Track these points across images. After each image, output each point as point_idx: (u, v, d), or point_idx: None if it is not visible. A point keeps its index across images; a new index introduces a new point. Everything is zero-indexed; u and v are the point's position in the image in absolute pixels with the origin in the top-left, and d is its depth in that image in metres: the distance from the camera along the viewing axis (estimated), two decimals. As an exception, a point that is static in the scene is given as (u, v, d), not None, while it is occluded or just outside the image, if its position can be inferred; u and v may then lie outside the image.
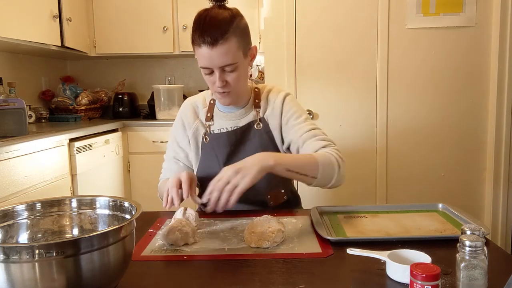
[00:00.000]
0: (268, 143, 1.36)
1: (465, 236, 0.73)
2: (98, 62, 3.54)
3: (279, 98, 1.39)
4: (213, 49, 1.19)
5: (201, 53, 1.21)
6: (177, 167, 1.42)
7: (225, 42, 1.19)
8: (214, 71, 1.24)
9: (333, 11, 2.70)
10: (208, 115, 1.39)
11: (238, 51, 1.23)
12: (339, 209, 1.27)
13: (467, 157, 2.75)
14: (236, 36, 1.22)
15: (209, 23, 1.19)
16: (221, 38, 1.18)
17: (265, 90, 1.42)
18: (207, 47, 1.19)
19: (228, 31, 1.19)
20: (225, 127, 1.37)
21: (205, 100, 1.43)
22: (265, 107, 1.39)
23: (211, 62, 1.21)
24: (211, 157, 1.36)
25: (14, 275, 0.68)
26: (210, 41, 1.18)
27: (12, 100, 2.08)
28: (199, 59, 1.24)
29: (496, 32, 2.62)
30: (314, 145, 1.28)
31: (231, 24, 1.21)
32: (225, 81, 1.24)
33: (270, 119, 1.37)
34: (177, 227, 1.01)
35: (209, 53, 1.20)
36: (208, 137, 1.37)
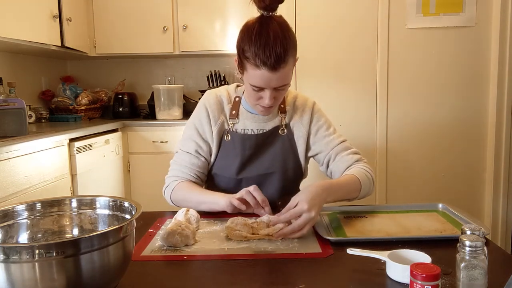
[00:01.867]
0: (288, 150, 1.35)
1: (465, 236, 0.73)
2: (98, 62, 3.54)
3: (308, 106, 1.38)
4: (274, 73, 1.14)
5: (258, 75, 1.15)
6: (198, 162, 1.33)
7: (286, 65, 1.15)
8: (264, 89, 1.19)
9: (333, 11, 2.70)
10: (233, 112, 1.35)
11: (292, 69, 1.20)
12: (339, 209, 1.27)
13: (467, 158, 2.75)
14: (293, 55, 1.17)
15: (272, 43, 1.11)
16: (283, 62, 1.13)
17: (290, 96, 1.40)
18: (267, 70, 1.13)
19: (289, 52, 1.14)
20: (250, 128, 1.34)
21: (229, 96, 1.38)
22: (291, 114, 1.37)
23: (267, 84, 1.17)
24: (230, 155, 1.33)
25: (14, 275, 0.68)
26: (273, 64, 1.12)
27: (12, 100, 2.08)
28: (252, 77, 1.17)
29: (496, 32, 2.62)
30: (347, 159, 1.32)
31: (290, 42, 1.15)
32: (274, 98, 1.22)
33: (296, 126, 1.36)
34: (177, 231, 1.01)
35: (269, 76, 1.14)
36: (231, 135, 1.34)
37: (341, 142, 1.36)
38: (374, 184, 1.31)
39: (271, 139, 1.35)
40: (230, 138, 1.34)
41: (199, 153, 1.35)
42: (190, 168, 1.34)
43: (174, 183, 1.33)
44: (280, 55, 1.12)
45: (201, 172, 1.35)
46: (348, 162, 1.32)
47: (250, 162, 1.33)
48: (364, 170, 1.28)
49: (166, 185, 1.36)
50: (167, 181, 1.36)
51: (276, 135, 1.35)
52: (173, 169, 1.37)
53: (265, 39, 1.12)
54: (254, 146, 1.33)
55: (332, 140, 1.35)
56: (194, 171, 1.34)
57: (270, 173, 1.33)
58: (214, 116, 1.35)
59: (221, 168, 1.35)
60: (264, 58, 1.12)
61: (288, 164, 1.35)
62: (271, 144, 1.35)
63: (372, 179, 1.29)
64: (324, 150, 1.36)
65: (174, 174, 1.35)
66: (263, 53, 1.12)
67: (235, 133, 1.34)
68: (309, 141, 1.38)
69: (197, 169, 1.34)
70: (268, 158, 1.33)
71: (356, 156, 1.34)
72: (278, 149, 1.35)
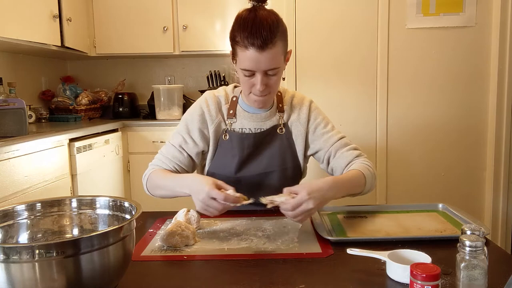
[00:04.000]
0: (287, 149, 1.36)
1: (465, 236, 0.73)
2: (98, 62, 3.54)
3: (305, 105, 1.39)
4: (261, 53, 1.16)
5: (247, 56, 1.18)
6: (180, 156, 1.34)
7: (273, 47, 1.17)
8: (255, 74, 1.22)
9: (333, 11, 2.70)
10: (231, 112, 1.36)
11: (281, 55, 1.22)
12: (339, 209, 1.27)
13: (467, 157, 2.75)
14: (282, 40, 1.20)
15: (259, 25, 1.16)
16: (270, 42, 1.16)
17: (287, 95, 1.42)
18: (255, 50, 1.16)
19: (276, 34, 1.17)
20: (248, 127, 1.35)
21: (227, 96, 1.40)
22: (289, 113, 1.39)
23: (257, 65, 1.19)
24: (228, 155, 1.34)
25: (14, 275, 0.68)
26: (260, 44, 1.15)
27: (12, 100, 2.08)
28: (242, 61, 1.20)
29: (496, 32, 2.62)
30: (347, 155, 1.33)
31: (278, 27, 1.19)
32: (265, 84, 1.23)
33: (295, 125, 1.38)
34: (177, 231, 1.01)
35: (257, 57, 1.17)
36: (229, 134, 1.35)
37: (340, 139, 1.36)
38: (376, 178, 1.32)
39: (269, 138, 1.36)
40: (228, 137, 1.35)
41: (182, 148, 1.35)
42: (170, 160, 1.35)
43: (151, 171, 1.34)
44: (267, 36, 1.15)
45: (181, 167, 1.35)
46: (349, 158, 1.32)
47: (249, 161, 1.34)
48: (367, 165, 1.29)
49: (146, 172, 1.37)
50: (148, 169, 1.38)
51: (274, 134, 1.36)
52: (156, 158, 1.39)
53: (253, 22, 1.17)
54: (253, 145, 1.34)
55: (331, 137, 1.36)
56: (174, 164, 1.34)
57: (269, 172, 1.34)
58: (211, 116, 1.36)
59: (219, 167, 1.35)
60: (252, 39, 1.16)
61: (287, 163, 1.36)
62: (269, 143, 1.35)
63: (375, 174, 1.30)
64: (323, 147, 1.36)
65: (155, 163, 1.37)
66: (250, 34, 1.16)
67: (232, 132, 1.35)
68: (307, 139, 1.38)
69: (178, 163, 1.34)
70: (266, 157, 1.34)
71: (356, 152, 1.34)
72: (276, 148, 1.35)
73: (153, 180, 1.31)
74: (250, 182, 1.33)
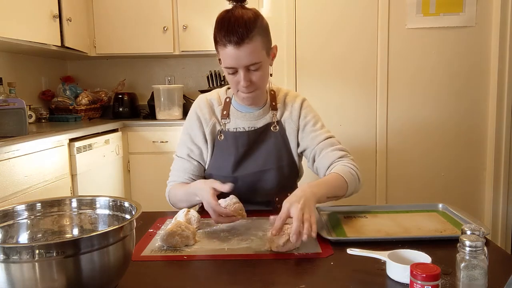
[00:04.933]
0: (282, 146, 1.37)
1: (465, 236, 0.73)
2: (98, 62, 3.54)
3: (297, 103, 1.40)
4: (239, 49, 1.19)
5: (227, 53, 1.21)
6: (190, 166, 1.38)
7: (251, 42, 1.20)
8: (238, 71, 1.24)
9: (333, 11, 2.70)
10: (224, 113, 1.38)
11: (262, 50, 1.24)
12: (339, 209, 1.27)
13: (467, 157, 2.75)
14: (260, 35, 1.22)
15: (234, 23, 1.19)
16: (247, 37, 1.19)
17: (281, 93, 1.43)
18: (233, 46, 1.19)
19: (253, 30, 1.20)
20: (242, 126, 1.37)
21: (220, 98, 1.42)
22: (282, 110, 1.40)
23: (237, 61, 1.21)
24: (224, 155, 1.36)
25: (14, 275, 0.68)
26: (236, 41, 1.18)
27: (12, 100, 2.08)
28: (224, 59, 1.23)
29: (496, 32, 2.62)
30: (331, 155, 1.31)
31: (255, 23, 1.21)
32: (249, 80, 1.25)
33: (287, 123, 1.39)
34: (177, 232, 1.01)
35: (235, 53, 1.20)
36: (224, 135, 1.36)
37: (327, 138, 1.35)
38: (360, 181, 1.29)
39: (263, 136, 1.37)
40: (223, 137, 1.37)
41: (190, 157, 1.39)
42: (183, 173, 1.39)
43: (169, 187, 1.40)
44: (243, 32, 1.18)
45: (195, 175, 1.39)
46: (332, 158, 1.31)
47: (245, 160, 1.34)
48: (349, 168, 1.26)
49: (167, 190, 1.42)
50: (167, 187, 1.42)
51: (268, 132, 1.37)
52: (171, 175, 1.43)
53: (228, 21, 1.21)
54: (247, 144, 1.35)
55: (318, 136, 1.36)
56: (188, 175, 1.39)
57: (266, 170, 1.34)
58: (206, 119, 1.38)
59: (216, 168, 1.37)
60: (228, 36, 1.19)
61: (282, 160, 1.36)
62: (264, 141, 1.36)
63: (358, 176, 1.28)
64: (310, 145, 1.36)
65: (172, 180, 1.42)
66: (227, 32, 1.19)
67: (227, 132, 1.37)
68: (298, 136, 1.39)
69: (191, 173, 1.39)
70: (262, 155, 1.35)
71: (341, 153, 1.32)
72: (271, 146, 1.36)
73: (173, 196, 1.37)
74: (247, 180, 1.34)
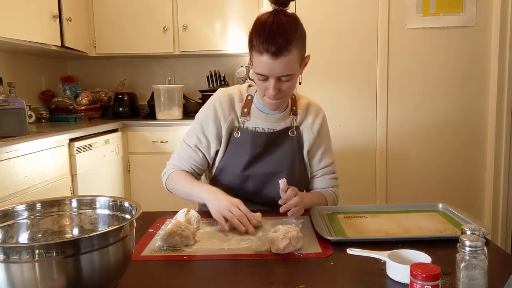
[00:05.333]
0: (296, 151, 1.38)
1: (465, 236, 0.73)
2: (98, 62, 3.54)
3: (320, 116, 1.43)
4: (275, 60, 1.17)
5: (261, 61, 1.19)
6: (195, 156, 1.38)
7: (288, 54, 1.17)
8: (269, 79, 1.22)
9: (333, 11, 2.70)
10: (245, 110, 1.37)
11: (297, 62, 1.22)
12: (339, 209, 1.27)
13: (467, 157, 2.75)
14: (298, 47, 1.20)
15: (275, 32, 1.16)
16: (285, 50, 1.16)
17: (303, 100, 1.44)
18: (269, 56, 1.17)
19: (292, 42, 1.17)
20: (261, 126, 1.36)
21: (241, 94, 1.41)
22: (302, 117, 1.40)
23: (270, 71, 1.20)
24: (239, 152, 1.35)
25: (14, 275, 0.68)
26: (274, 51, 1.16)
27: (12, 100, 2.08)
28: (257, 65, 1.21)
29: (496, 32, 2.62)
30: (327, 182, 1.44)
31: (295, 35, 1.18)
32: (278, 89, 1.24)
33: (306, 131, 1.40)
34: (177, 232, 1.01)
35: (270, 63, 1.18)
36: (241, 132, 1.36)
37: (331, 165, 1.45)
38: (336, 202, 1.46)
39: (280, 139, 1.37)
40: (240, 135, 1.36)
41: (198, 148, 1.39)
42: (187, 161, 1.39)
43: (170, 171, 1.40)
44: (282, 43, 1.15)
45: (197, 167, 1.40)
46: (326, 184, 1.44)
47: (259, 160, 1.35)
48: (334, 195, 1.44)
49: (165, 170, 1.43)
50: (167, 167, 1.44)
51: (286, 136, 1.37)
52: (173, 157, 1.44)
53: (269, 28, 1.17)
54: (264, 144, 1.35)
55: (325, 160, 1.43)
56: (191, 164, 1.39)
57: (277, 172, 1.34)
58: (224, 114, 1.37)
59: (228, 164, 1.37)
60: (267, 45, 1.16)
61: (295, 164, 1.37)
62: (280, 144, 1.37)
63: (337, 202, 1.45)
64: (315, 165, 1.43)
65: (173, 163, 1.43)
66: (266, 40, 1.16)
67: (245, 130, 1.36)
68: (311, 149, 1.41)
69: (194, 163, 1.39)
70: (276, 157, 1.36)
71: (334, 182, 1.46)
72: (286, 150, 1.37)
73: (173, 182, 1.39)
74: (258, 180, 1.35)
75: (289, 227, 0.99)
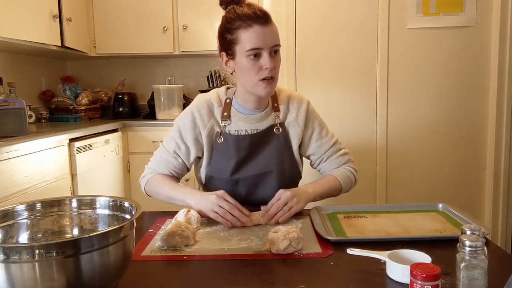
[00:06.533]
0: (284, 148, 1.36)
1: (465, 236, 0.73)
2: (98, 62, 3.54)
3: (303, 107, 1.40)
4: (266, 27, 1.21)
5: (253, 33, 1.21)
6: (174, 162, 1.37)
7: (273, 23, 1.23)
8: (262, 54, 1.22)
9: (333, 11, 2.70)
10: (225, 114, 1.35)
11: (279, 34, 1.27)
12: (339, 209, 1.27)
13: (467, 157, 2.75)
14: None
15: (254, 6, 1.22)
16: (270, 18, 1.22)
17: (283, 94, 1.41)
18: (259, 25, 1.20)
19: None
20: (244, 129, 1.34)
21: (220, 98, 1.38)
22: (285, 112, 1.38)
23: (263, 41, 1.21)
24: (224, 157, 1.33)
25: (14, 275, 0.68)
26: (264, 18, 1.20)
27: (12, 100, 2.08)
28: (248, 41, 1.21)
29: (496, 32, 2.62)
30: (336, 162, 1.42)
31: None
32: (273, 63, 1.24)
33: (292, 125, 1.38)
34: (177, 232, 1.01)
35: (262, 31, 1.21)
36: (223, 137, 1.34)
37: (333, 145, 1.43)
38: (356, 181, 1.43)
39: (266, 138, 1.35)
40: (223, 140, 1.34)
41: (177, 154, 1.38)
42: (166, 166, 1.39)
43: (150, 175, 1.39)
44: (265, 12, 1.22)
45: (176, 172, 1.39)
46: (336, 164, 1.42)
47: (246, 163, 1.33)
48: (348, 171, 1.40)
49: (143, 174, 1.43)
50: (145, 171, 1.43)
51: (271, 134, 1.36)
52: (152, 161, 1.43)
53: (248, 6, 1.24)
54: (249, 146, 1.33)
55: (325, 143, 1.42)
56: (169, 169, 1.38)
57: (267, 173, 1.33)
58: (204, 121, 1.35)
59: (216, 171, 1.35)
60: (254, 15, 1.20)
61: (284, 162, 1.36)
62: (266, 143, 1.35)
63: (355, 178, 1.42)
64: (316, 152, 1.42)
65: (152, 167, 1.41)
66: (251, 12, 1.21)
67: (228, 134, 1.34)
68: (303, 141, 1.40)
69: (173, 168, 1.38)
70: (264, 158, 1.34)
71: (344, 158, 1.43)
72: (274, 148, 1.35)
73: (153, 186, 1.38)
74: (248, 183, 1.33)
75: (289, 227, 0.99)
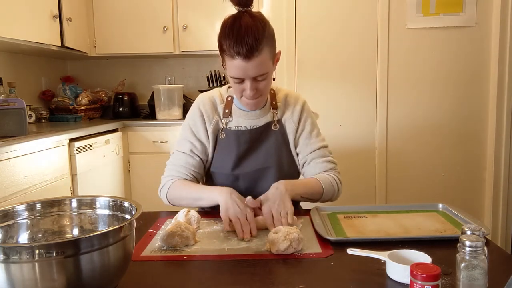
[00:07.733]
0: (282, 144, 1.39)
1: (465, 236, 0.73)
2: (98, 62, 3.54)
3: (299, 105, 1.42)
4: (248, 62, 1.18)
5: (234, 65, 1.20)
6: (193, 161, 1.36)
7: (259, 54, 1.18)
8: (244, 81, 1.23)
9: (333, 11, 2.70)
10: (226, 111, 1.39)
11: (269, 60, 1.23)
12: (339, 209, 1.27)
13: (467, 157, 2.75)
14: (268, 45, 1.21)
15: (244, 35, 1.16)
16: (256, 50, 1.17)
17: (281, 93, 1.44)
18: (241, 59, 1.18)
19: (262, 41, 1.18)
20: (243, 124, 1.37)
21: (222, 96, 1.42)
22: (283, 110, 1.41)
23: (244, 73, 1.21)
24: (226, 152, 1.36)
25: (14, 275, 0.68)
26: (246, 54, 1.17)
27: (12, 100, 2.08)
28: (230, 68, 1.22)
29: (496, 32, 2.62)
30: (320, 166, 1.38)
31: (264, 34, 1.19)
32: (255, 89, 1.25)
33: (288, 122, 1.40)
34: (177, 232, 1.01)
35: (243, 65, 1.19)
36: (225, 132, 1.37)
37: (320, 148, 1.40)
38: (339, 192, 1.38)
39: (264, 134, 1.38)
40: (224, 135, 1.37)
41: (194, 153, 1.37)
42: (185, 168, 1.36)
43: (170, 182, 1.34)
44: (252, 44, 1.16)
45: (196, 172, 1.37)
46: (320, 169, 1.38)
47: (246, 158, 1.36)
48: (332, 178, 1.35)
49: (162, 185, 1.37)
50: (163, 181, 1.37)
51: (269, 131, 1.38)
52: (168, 169, 1.39)
53: (237, 31, 1.18)
54: (249, 141, 1.36)
55: (312, 144, 1.40)
56: (190, 170, 1.36)
57: (266, 168, 1.35)
58: (208, 116, 1.38)
59: (218, 166, 1.38)
60: (237, 48, 1.17)
61: (282, 158, 1.38)
62: (265, 139, 1.38)
63: (338, 187, 1.37)
64: (302, 151, 1.41)
65: (170, 174, 1.37)
66: (235, 44, 1.17)
67: (229, 130, 1.37)
68: (295, 138, 1.41)
69: (192, 168, 1.36)
70: (263, 153, 1.36)
71: (329, 165, 1.39)
72: (272, 144, 1.37)
73: (176, 190, 1.33)
74: (248, 178, 1.35)
75: (290, 228, 0.99)
